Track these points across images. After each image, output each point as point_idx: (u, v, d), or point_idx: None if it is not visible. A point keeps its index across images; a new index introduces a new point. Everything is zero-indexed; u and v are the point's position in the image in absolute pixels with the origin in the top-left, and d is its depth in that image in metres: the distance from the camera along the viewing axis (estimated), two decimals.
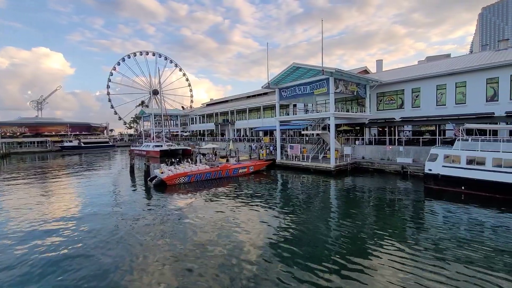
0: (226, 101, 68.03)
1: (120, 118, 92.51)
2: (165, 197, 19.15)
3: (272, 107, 44.74)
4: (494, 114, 23.10)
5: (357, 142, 30.75)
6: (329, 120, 27.53)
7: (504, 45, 28.80)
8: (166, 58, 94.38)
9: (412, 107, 28.73)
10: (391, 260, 9.10)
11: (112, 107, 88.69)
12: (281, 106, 44.24)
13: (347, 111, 30.45)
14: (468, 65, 25.29)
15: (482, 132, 21.85)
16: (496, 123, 22.02)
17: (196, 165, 25.81)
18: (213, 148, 41.30)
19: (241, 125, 54.10)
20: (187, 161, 27.70)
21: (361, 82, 29.25)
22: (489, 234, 11.33)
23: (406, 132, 30.17)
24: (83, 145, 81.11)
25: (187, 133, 70.77)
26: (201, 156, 30.23)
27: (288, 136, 42.26)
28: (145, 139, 68.06)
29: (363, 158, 28.89)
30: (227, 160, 29.42)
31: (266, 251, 10.10)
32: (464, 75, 25.12)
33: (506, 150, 16.07)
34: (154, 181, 22.07)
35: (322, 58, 24.85)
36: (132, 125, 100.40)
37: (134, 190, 22.01)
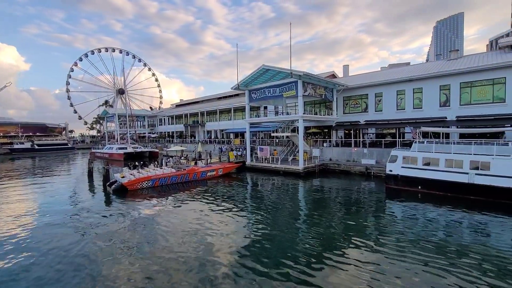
0: (197, 102, 66.46)
1: (80, 118, 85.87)
2: (126, 202, 17.85)
3: (243, 109, 44.39)
4: (446, 118, 24.99)
5: (325, 144, 31.53)
6: (298, 122, 27.87)
7: (455, 55, 31.42)
8: (134, 57, 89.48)
9: (375, 111, 30.15)
10: (357, 259, 9.44)
11: (71, 105, 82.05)
12: (252, 108, 44.14)
13: (316, 113, 31.11)
14: (424, 72, 27.14)
15: (436, 135, 23.44)
16: (448, 127, 23.81)
17: (161, 168, 24.59)
18: (182, 151, 39.89)
19: (211, 126, 53.07)
20: (152, 164, 26.31)
21: (328, 86, 30.08)
22: (442, 230, 12.05)
23: (370, 135, 31.55)
24: (36, 147, 74.12)
25: (155, 135, 67.84)
26: (168, 159, 28.93)
27: (259, 138, 42.21)
28: (108, 141, 64.01)
29: (330, 159, 29.65)
30: (196, 163, 28.49)
31: (237, 254, 9.98)
32: (420, 82, 26.91)
33: (456, 152, 17.34)
34: (113, 186, 20.53)
35: (291, 61, 25.11)
36: (94, 126, 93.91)
37: (91, 196, 20.30)
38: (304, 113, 27.52)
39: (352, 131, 31.18)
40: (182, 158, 34.13)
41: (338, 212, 15.27)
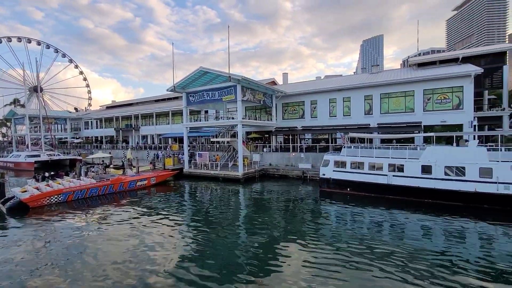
0: (131, 104, 60.67)
1: None
2: (25, 224, 14.45)
3: (182, 113, 42.12)
4: (370, 125, 27.68)
5: (265, 149, 31.78)
6: (237, 127, 27.38)
7: (376, 69, 35.48)
8: (57, 50, 77.36)
9: (311, 117, 31.76)
10: (296, 260, 9.84)
11: None
12: (192, 112, 42.28)
13: (256, 119, 31.18)
14: (351, 83, 29.74)
15: (363, 140, 25.69)
16: (371, 133, 26.35)
17: (79, 179, 21.10)
18: (111, 157, 35.53)
19: (147, 131, 48.89)
20: (71, 174, 22.44)
21: (267, 92, 30.50)
22: (366, 228, 13.03)
23: (306, 140, 33.06)
24: None
25: (79, 140, 59.39)
26: (92, 167, 25.14)
27: (199, 143, 40.51)
28: (17, 147, 53.56)
29: (270, 164, 29.93)
30: (124, 172, 25.42)
31: (176, 271, 9.18)
32: (349, 92, 29.35)
33: (378, 156, 19.04)
34: (8, 203, 16.55)
35: (229, 64, 24.55)
36: None
37: None
38: (243, 118, 27.22)
39: (290, 136, 32.19)
40: (111, 166, 30.22)
41: (277, 217, 15.30)
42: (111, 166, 31.11)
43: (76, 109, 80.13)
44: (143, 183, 23.35)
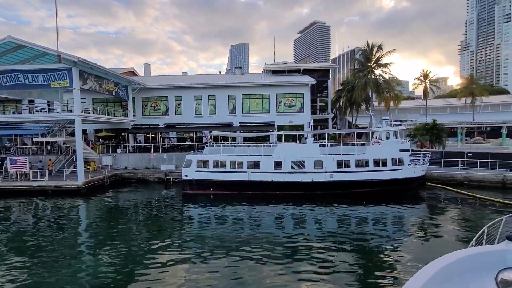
0: None
1: None
2: None
3: None
4: (233, 124, 28.65)
5: (119, 150, 26.73)
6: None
7: (239, 71, 37.60)
8: None
9: (175, 115, 29.54)
10: (160, 270, 8.98)
11: None
12: (9, 102, 30.40)
13: (108, 114, 25.59)
14: (216, 82, 29.82)
15: (227, 138, 26.06)
16: (235, 131, 27.25)
17: None
18: None
19: None
20: None
21: (121, 82, 25.67)
22: (228, 225, 13.38)
23: (171, 139, 30.57)
24: None
25: None
26: None
27: (20, 145, 29.46)
28: None
29: (126, 168, 25.47)
30: None
31: None
32: (214, 90, 29.28)
33: (238, 154, 19.47)
34: None
35: (58, 40, 18.46)
36: None
37: None
38: (86, 112, 21.54)
39: (151, 135, 28.75)
40: None
41: (134, 229, 13.37)
42: None
43: None
44: None
